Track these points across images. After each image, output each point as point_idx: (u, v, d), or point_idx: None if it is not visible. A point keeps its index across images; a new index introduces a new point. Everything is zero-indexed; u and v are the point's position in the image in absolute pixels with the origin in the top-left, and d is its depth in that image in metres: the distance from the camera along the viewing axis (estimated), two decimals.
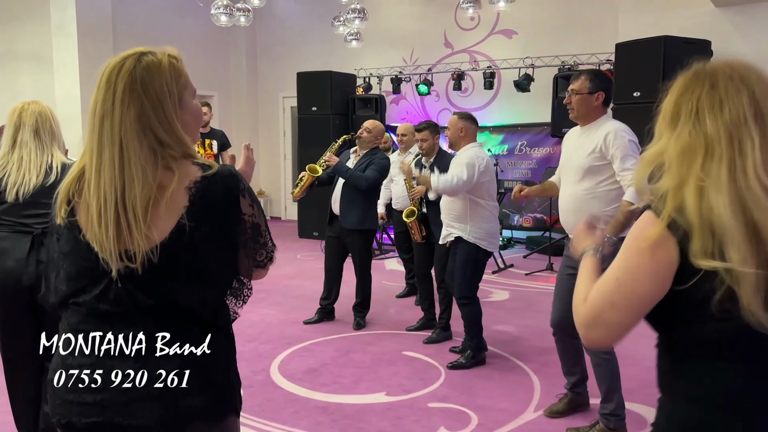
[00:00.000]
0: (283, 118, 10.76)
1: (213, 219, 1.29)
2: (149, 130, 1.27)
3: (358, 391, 3.66)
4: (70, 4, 8.04)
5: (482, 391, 3.65)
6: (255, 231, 1.36)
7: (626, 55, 6.33)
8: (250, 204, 1.35)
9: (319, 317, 4.96)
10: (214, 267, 1.31)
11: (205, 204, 1.28)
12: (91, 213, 1.26)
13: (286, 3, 10.42)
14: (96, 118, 1.28)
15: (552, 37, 8.20)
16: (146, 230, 1.24)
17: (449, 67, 8.85)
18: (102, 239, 1.25)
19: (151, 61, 1.31)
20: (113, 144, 1.26)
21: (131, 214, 1.23)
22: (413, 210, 4.47)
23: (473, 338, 4.01)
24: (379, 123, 4.88)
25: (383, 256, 7.63)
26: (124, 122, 1.26)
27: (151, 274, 1.25)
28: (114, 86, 1.28)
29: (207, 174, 1.30)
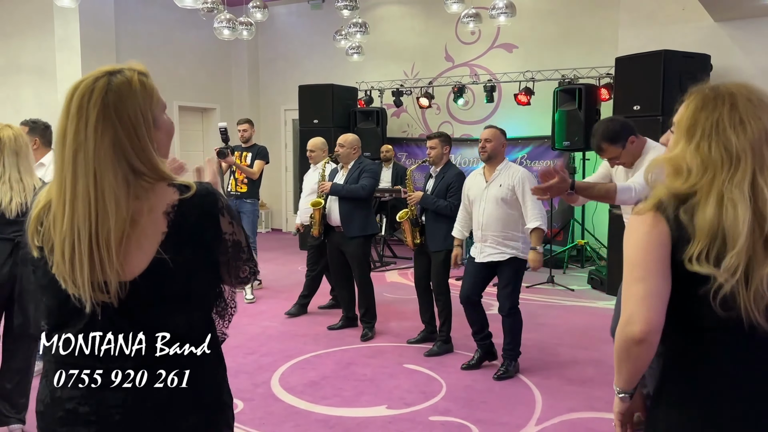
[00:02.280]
0: (285, 130, 10.80)
1: (194, 242, 1.26)
2: (123, 159, 1.23)
3: (359, 404, 3.65)
4: (73, 18, 8.11)
5: (483, 405, 3.64)
6: (236, 248, 1.35)
7: (626, 68, 6.36)
8: (229, 222, 1.32)
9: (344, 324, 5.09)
10: (197, 289, 1.30)
11: (185, 228, 1.25)
12: (58, 248, 1.21)
13: (289, 17, 10.51)
14: (67, 149, 1.22)
15: (552, 51, 8.25)
16: (118, 265, 1.20)
17: (450, 80, 8.90)
18: (72, 275, 1.20)
19: (122, 83, 1.26)
20: (87, 176, 1.21)
21: (104, 249, 1.19)
22: (407, 211, 4.50)
23: (516, 346, 4.10)
24: (351, 135, 4.95)
25: (384, 267, 7.63)
26: (98, 152, 1.21)
27: (132, 305, 1.23)
28: (86, 114, 1.22)
29: (184, 197, 1.27)
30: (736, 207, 1.19)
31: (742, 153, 1.22)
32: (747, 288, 1.18)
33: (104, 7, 8.44)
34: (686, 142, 1.28)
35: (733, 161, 1.22)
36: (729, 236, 1.18)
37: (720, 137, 1.24)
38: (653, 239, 1.25)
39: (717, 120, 1.25)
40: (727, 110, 1.25)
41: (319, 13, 10.03)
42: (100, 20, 8.38)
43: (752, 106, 1.25)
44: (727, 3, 6.04)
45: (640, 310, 1.23)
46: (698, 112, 1.28)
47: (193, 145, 10.31)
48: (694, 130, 1.27)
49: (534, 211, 3.87)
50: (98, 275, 1.19)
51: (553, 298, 6.17)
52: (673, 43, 6.35)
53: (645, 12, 6.98)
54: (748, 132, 1.23)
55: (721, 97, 1.27)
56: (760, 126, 1.23)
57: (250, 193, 6.22)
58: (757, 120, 1.23)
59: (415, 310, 4.84)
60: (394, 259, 8.12)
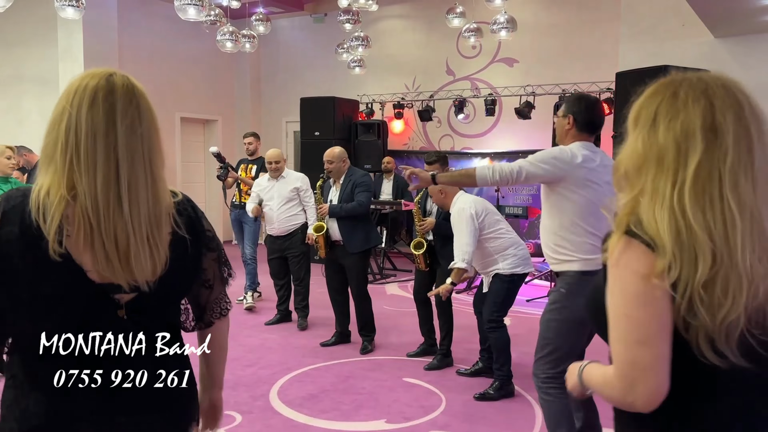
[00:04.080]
0: (286, 142, 10.83)
1: (193, 241, 1.31)
2: (159, 152, 1.27)
3: (358, 417, 3.62)
4: (77, 29, 8.16)
5: (483, 420, 3.61)
6: (221, 249, 1.42)
7: (626, 83, 6.38)
8: (209, 224, 1.40)
9: (337, 340, 5.03)
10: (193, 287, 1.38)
11: (186, 228, 1.29)
12: (110, 242, 1.16)
13: (291, 30, 10.57)
14: (120, 135, 1.18)
15: (553, 65, 8.29)
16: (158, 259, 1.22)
17: (451, 94, 8.93)
18: (131, 265, 1.17)
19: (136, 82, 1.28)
20: (144, 159, 1.21)
21: (157, 235, 1.21)
22: (421, 242, 4.47)
23: (503, 366, 3.92)
24: (336, 148, 4.90)
25: (384, 280, 7.61)
26: (149, 136, 1.24)
27: (154, 301, 1.25)
28: (136, 100, 1.23)
29: (176, 200, 1.31)
30: (656, 211, 1.02)
31: (664, 147, 1.05)
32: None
33: (107, 18, 8.50)
34: (629, 136, 1.12)
35: (659, 157, 1.05)
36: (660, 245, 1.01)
37: (653, 129, 1.07)
38: (655, 287, 1.01)
39: (656, 109, 1.09)
40: (667, 99, 1.08)
41: (321, 27, 10.10)
42: (103, 31, 8.43)
43: (693, 94, 1.06)
44: (726, 19, 6.08)
45: (646, 382, 1.03)
46: (645, 100, 1.12)
47: (194, 156, 10.34)
48: (636, 122, 1.12)
49: (456, 250, 3.87)
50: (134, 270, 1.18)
51: None
52: (672, 59, 6.38)
53: (645, 27, 7.03)
54: (677, 124, 1.05)
55: (668, 85, 1.11)
56: (691, 116, 1.05)
57: None
58: (692, 109, 1.05)
59: (415, 323, 4.82)
60: (394, 271, 8.11)
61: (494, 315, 3.94)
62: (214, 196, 10.00)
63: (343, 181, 4.83)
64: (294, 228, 5.35)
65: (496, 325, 3.94)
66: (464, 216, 3.90)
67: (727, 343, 1.01)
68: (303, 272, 5.41)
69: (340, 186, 4.83)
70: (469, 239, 3.85)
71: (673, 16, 6.83)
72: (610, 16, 7.81)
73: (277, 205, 5.34)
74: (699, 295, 0.99)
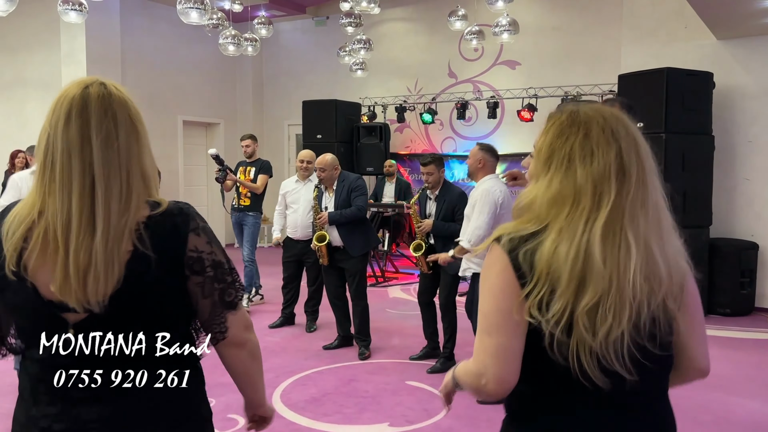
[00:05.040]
0: (288, 145, 10.84)
1: (161, 263, 1.19)
2: (139, 162, 1.21)
3: (360, 421, 3.62)
4: (80, 33, 8.18)
5: (486, 423, 3.60)
6: (218, 269, 1.26)
7: (629, 86, 6.38)
8: (207, 242, 1.25)
9: (339, 343, 5.02)
10: (168, 311, 1.23)
11: (152, 246, 1.18)
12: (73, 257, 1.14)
13: (293, 33, 10.59)
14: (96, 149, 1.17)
15: (555, 67, 8.29)
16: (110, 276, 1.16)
17: (453, 96, 8.93)
18: (86, 286, 1.15)
19: (125, 90, 1.25)
20: (120, 172, 1.18)
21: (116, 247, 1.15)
22: (420, 244, 4.47)
23: None
24: (328, 155, 4.85)
25: (386, 283, 7.61)
26: (130, 149, 1.20)
27: (107, 322, 1.18)
28: (113, 112, 1.19)
29: (154, 213, 1.21)
30: (561, 245, 1.12)
31: (583, 188, 1.14)
32: (569, 335, 1.11)
33: (110, 22, 8.52)
34: (543, 174, 1.20)
35: (576, 196, 1.15)
36: (555, 277, 1.11)
37: (570, 170, 1.16)
38: (502, 287, 1.16)
39: (570, 150, 1.17)
40: (580, 140, 1.17)
41: (323, 30, 10.12)
42: (105, 35, 8.46)
43: (604, 137, 1.16)
44: (729, 21, 6.07)
45: (492, 367, 1.16)
46: (555, 140, 1.20)
47: (196, 160, 10.35)
48: (550, 161, 1.19)
49: (470, 228, 3.82)
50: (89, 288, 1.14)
51: None
52: (675, 61, 6.38)
53: (648, 30, 7.02)
54: (594, 166, 1.15)
55: (577, 124, 1.18)
56: (606, 160, 1.15)
57: (254, 206, 6.28)
58: (606, 153, 1.15)
59: (418, 326, 4.82)
60: (397, 274, 8.10)
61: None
62: (217, 199, 10.00)
63: (336, 187, 4.80)
64: None
65: None
66: (490, 198, 3.82)
67: (616, 359, 1.12)
68: (319, 275, 5.38)
69: (334, 192, 4.81)
70: (484, 223, 3.78)
71: (675, 18, 6.82)
72: (612, 19, 7.81)
73: (303, 210, 5.30)
74: (582, 319, 1.10)
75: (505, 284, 1.16)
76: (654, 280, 1.14)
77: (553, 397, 1.19)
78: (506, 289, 1.16)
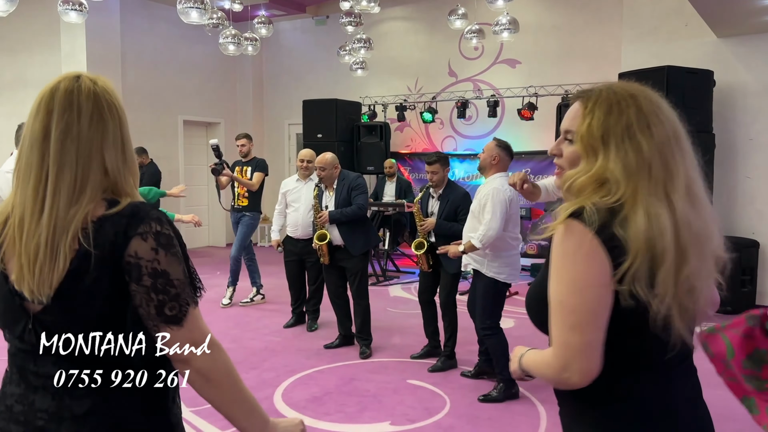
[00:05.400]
0: (288, 144, 10.84)
1: (100, 266, 1.15)
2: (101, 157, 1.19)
3: (362, 420, 3.62)
4: (80, 34, 8.19)
5: (488, 422, 3.61)
6: (158, 279, 1.17)
7: None
8: (153, 248, 1.17)
9: (340, 342, 5.02)
10: (108, 312, 1.18)
11: (95, 246, 1.15)
12: (26, 250, 1.15)
13: (293, 32, 10.59)
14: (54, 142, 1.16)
15: (555, 66, 8.29)
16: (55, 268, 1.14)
17: (453, 95, 8.93)
18: (34, 276, 1.15)
19: (107, 83, 1.24)
20: (74, 165, 1.17)
21: (64, 243, 1.14)
22: (422, 242, 4.47)
23: (504, 370, 3.81)
24: (328, 154, 4.85)
25: (387, 282, 7.61)
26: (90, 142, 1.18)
27: (53, 317, 1.17)
28: (78, 106, 1.18)
29: (107, 213, 1.18)
30: (659, 218, 1.10)
31: (653, 158, 1.14)
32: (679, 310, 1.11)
33: (110, 22, 8.52)
34: (603, 152, 1.16)
35: (648, 168, 1.14)
36: (658, 252, 1.09)
37: (633, 142, 1.15)
38: (594, 273, 1.10)
39: (627, 124, 1.16)
40: (633, 113, 1.16)
41: (323, 29, 10.12)
42: (106, 35, 8.46)
43: (654, 107, 1.18)
44: (730, 19, 6.07)
45: (578, 363, 1.12)
46: (606, 117, 1.17)
47: (197, 159, 10.35)
48: (607, 137, 1.16)
49: (482, 228, 3.80)
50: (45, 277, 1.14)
51: None
52: (675, 59, 6.37)
53: (648, 28, 7.02)
54: (655, 136, 1.15)
55: (625, 99, 1.18)
56: (662, 128, 1.16)
57: (251, 206, 6.29)
58: (660, 123, 1.17)
59: (419, 325, 4.82)
60: (397, 273, 8.10)
61: (487, 322, 3.91)
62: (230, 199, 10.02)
63: (337, 186, 4.81)
64: None
65: (491, 332, 3.90)
66: (500, 197, 3.81)
67: (699, 319, 1.18)
68: (319, 275, 5.38)
69: (335, 191, 4.81)
70: (497, 223, 3.78)
71: (675, 16, 6.82)
72: (612, 17, 7.80)
73: (304, 209, 5.29)
74: (684, 286, 1.11)
75: (597, 270, 1.10)
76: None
77: (647, 373, 1.17)
78: (599, 276, 1.10)
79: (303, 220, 5.30)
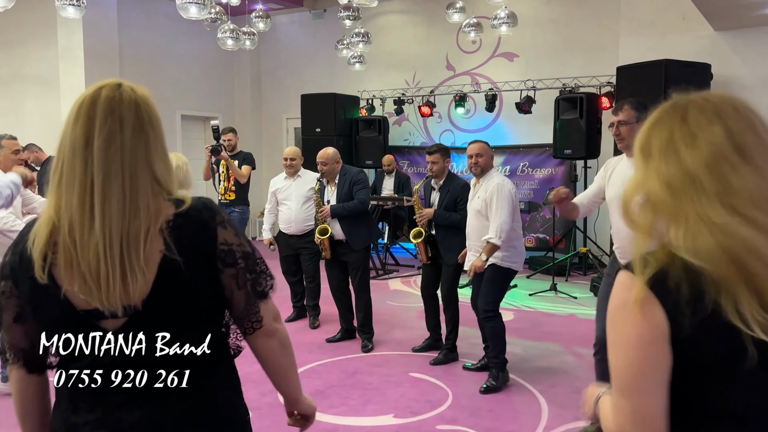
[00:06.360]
0: (287, 139, 10.85)
1: (193, 259, 1.19)
2: (149, 165, 1.20)
3: (365, 412, 3.66)
4: (77, 29, 8.16)
5: (490, 413, 3.65)
6: (248, 260, 1.27)
7: (627, 78, 6.41)
8: (234, 234, 1.26)
9: (342, 336, 5.07)
10: (204, 306, 1.24)
11: (183, 244, 1.18)
12: (84, 262, 1.14)
13: (290, 26, 10.57)
14: (97, 150, 1.16)
15: (553, 59, 8.31)
16: (134, 281, 1.15)
17: (451, 89, 8.95)
18: (101, 288, 1.14)
19: (145, 93, 1.26)
20: (122, 174, 1.16)
21: (133, 252, 1.15)
22: (420, 231, 4.50)
23: (499, 354, 4.00)
24: (329, 149, 4.89)
25: (386, 276, 7.65)
26: (135, 152, 1.18)
27: (139, 324, 1.19)
28: (121, 116, 1.18)
29: (180, 210, 1.21)
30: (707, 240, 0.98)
31: (699, 174, 1.01)
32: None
33: (107, 17, 8.50)
34: (645, 164, 1.09)
35: (694, 183, 1.01)
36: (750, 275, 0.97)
37: (677, 156, 1.04)
38: (644, 338, 1.00)
39: (669, 136, 1.06)
40: (678, 124, 1.06)
41: (321, 23, 10.11)
42: (103, 30, 8.43)
43: (705, 117, 1.04)
44: (726, 12, 6.10)
45: (632, 429, 1.02)
46: (652, 129, 1.10)
47: (195, 154, 10.33)
48: (649, 150, 1.08)
49: (494, 225, 3.87)
50: (120, 289, 1.14)
51: (556, 306, 6.19)
52: (673, 52, 6.40)
53: (645, 21, 7.05)
54: (701, 149, 1.02)
55: (674, 109, 1.08)
56: (713, 140, 1.02)
57: (239, 199, 6.33)
58: (711, 132, 1.03)
59: (419, 318, 4.87)
60: (397, 267, 8.14)
61: (491, 305, 4.01)
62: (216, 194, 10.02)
63: (338, 181, 4.84)
64: (310, 228, 5.26)
65: (493, 314, 4.01)
66: (504, 192, 3.93)
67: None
68: (316, 271, 5.42)
69: (336, 186, 4.84)
70: (507, 217, 3.88)
71: (672, 9, 6.85)
72: (609, 10, 7.82)
73: (296, 206, 5.30)
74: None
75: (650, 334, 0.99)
76: None
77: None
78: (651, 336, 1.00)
79: (296, 216, 5.32)
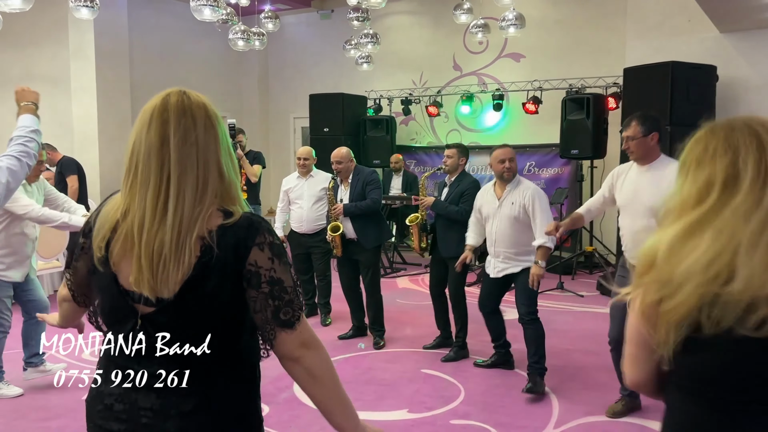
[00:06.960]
0: (294, 138, 10.93)
1: (222, 273, 1.24)
2: (216, 163, 1.28)
3: (380, 408, 3.75)
4: (88, 29, 8.24)
5: (502, 409, 3.74)
6: (275, 286, 1.27)
7: (634, 79, 6.48)
8: (269, 258, 1.26)
9: (354, 333, 5.16)
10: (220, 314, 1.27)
11: (215, 257, 1.23)
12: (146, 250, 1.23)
13: (298, 27, 10.65)
14: (174, 148, 1.24)
15: (560, 60, 8.38)
16: (181, 264, 1.22)
17: (458, 89, 9.02)
18: (155, 275, 1.22)
19: (204, 96, 1.33)
20: (197, 167, 1.24)
21: (186, 244, 1.22)
22: (417, 216, 4.65)
23: (540, 359, 3.92)
24: (343, 148, 4.99)
25: (395, 274, 7.73)
26: (208, 146, 1.27)
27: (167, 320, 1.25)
28: (193, 115, 1.27)
29: (225, 223, 1.26)
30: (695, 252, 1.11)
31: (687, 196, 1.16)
32: None
33: (118, 17, 8.58)
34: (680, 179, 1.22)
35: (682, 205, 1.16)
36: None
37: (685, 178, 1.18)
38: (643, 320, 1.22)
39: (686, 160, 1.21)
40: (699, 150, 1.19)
41: (329, 23, 10.18)
42: (114, 30, 8.52)
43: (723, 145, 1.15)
44: (732, 15, 6.16)
45: (632, 370, 1.29)
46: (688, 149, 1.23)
47: None
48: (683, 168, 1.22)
49: (543, 229, 3.89)
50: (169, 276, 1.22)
51: (563, 304, 6.27)
52: (679, 54, 6.47)
53: (652, 23, 7.11)
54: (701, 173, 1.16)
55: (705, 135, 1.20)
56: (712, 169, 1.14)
57: (250, 199, 6.43)
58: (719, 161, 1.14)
59: (429, 316, 4.94)
60: (404, 265, 8.22)
61: (533, 308, 3.99)
62: None
63: (351, 180, 4.93)
64: (321, 227, 5.35)
65: (535, 317, 3.99)
66: (543, 196, 4.04)
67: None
68: (326, 269, 5.50)
69: (350, 185, 4.93)
70: (551, 217, 3.97)
71: (679, 11, 6.91)
72: (616, 12, 7.89)
73: (308, 205, 5.38)
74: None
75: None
76: None
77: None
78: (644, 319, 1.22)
79: (307, 215, 5.40)
